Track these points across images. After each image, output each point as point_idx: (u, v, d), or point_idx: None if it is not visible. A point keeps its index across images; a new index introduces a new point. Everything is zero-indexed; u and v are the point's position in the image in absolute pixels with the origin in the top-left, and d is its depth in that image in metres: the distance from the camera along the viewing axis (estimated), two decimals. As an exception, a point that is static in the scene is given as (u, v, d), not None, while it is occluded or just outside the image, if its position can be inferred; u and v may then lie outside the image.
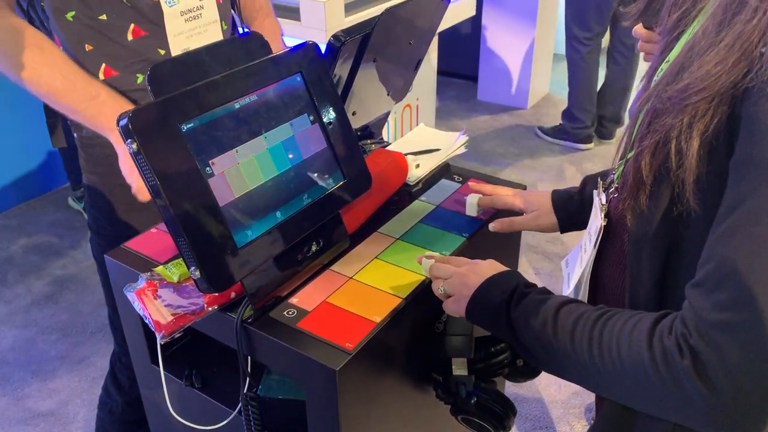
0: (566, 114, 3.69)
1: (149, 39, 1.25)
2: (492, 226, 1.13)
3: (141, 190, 1.14)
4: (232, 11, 1.45)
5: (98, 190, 1.35)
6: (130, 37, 1.23)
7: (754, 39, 0.58)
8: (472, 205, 1.18)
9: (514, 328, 0.79)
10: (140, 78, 1.27)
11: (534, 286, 0.83)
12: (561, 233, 1.11)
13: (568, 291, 0.95)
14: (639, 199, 0.72)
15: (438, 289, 0.93)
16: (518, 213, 1.15)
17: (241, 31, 1.51)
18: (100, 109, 1.13)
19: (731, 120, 0.61)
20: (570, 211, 1.08)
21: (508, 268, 0.88)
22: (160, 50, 1.26)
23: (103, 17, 1.20)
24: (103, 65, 1.24)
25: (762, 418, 0.62)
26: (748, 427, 0.62)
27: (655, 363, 0.63)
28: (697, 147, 0.63)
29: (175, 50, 1.27)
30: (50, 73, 1.13)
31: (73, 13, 1.20)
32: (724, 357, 0.59)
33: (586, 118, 3.61)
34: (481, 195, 1.18)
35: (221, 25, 1.35)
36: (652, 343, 0.64)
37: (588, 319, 0.72)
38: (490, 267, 0.89)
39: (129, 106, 1.14)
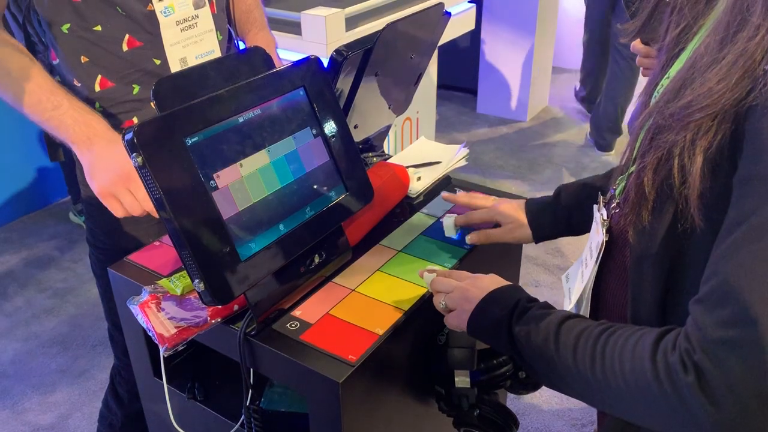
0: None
1: (144, 49, 1.25)
2: (469, 239, 1.14)
3: (110, 205, 1.12)
4: (228, 26, 1.46)
5: (96, 203, 1.35)
6: (125, 47, 1.24)
7: (757, 57, 0.58)
8: (449, 226, 1.16)
9: (515, 344, 0.79)
10: (136, 89, 1.27)
11: (536, 300, 0.83)
12: (535, 243, 1.11)
13: (569, 306, 0.95)
14: (641, 215, 0.72)
15: (439, 303, 0.93)
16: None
17: (239, 45, 1.52)
18: (61, 119, 1.12)
19: (735, 137, 0.61)
20: (543, 222, 1.09)
21: (509, 283, 0.88)
22: (155, 60, 1.27)
23: (98, 29, 1.21)
24: (99, 77, 1.24)
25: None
26: None
27: (659, 379, 0.63)
28: (701, 164, 0.63)
29: (172, 59, 1.28)
30: (18, 85, 1.11)
31: (68, 25, 1.20)
32: (728, 374, 0.58)
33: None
34: (456, 216, 1.16)
35: (216, 35, 1.35)
36: (655, 359, 0.64)
37: (590, 335, 0.72)
38: (492, 281, 0.88)
39: (93, 119, 1.13)
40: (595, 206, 0.92)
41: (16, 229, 3.15)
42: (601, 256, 0.87)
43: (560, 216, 1.07)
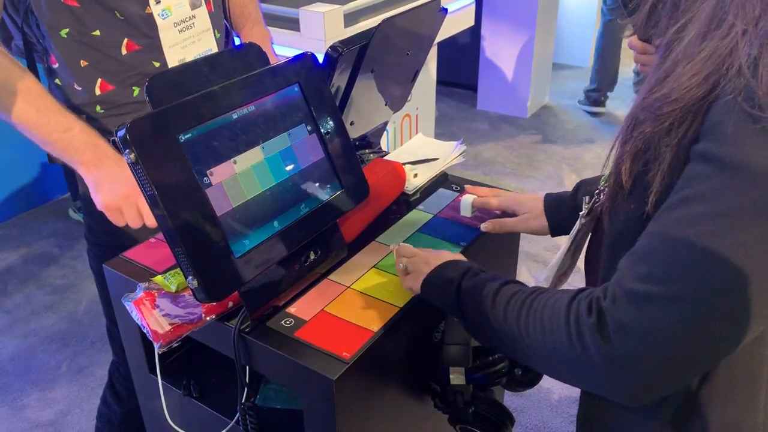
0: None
1: (143, 52, 1.25)
2: (483, 226, 1.16)
3: (113, 217, 1.15)
4: (225, 21, 1.46)
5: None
6: (124, 51, 1.24)
7: (725, 55, 0.59)
8: (466, 205, 1.20)
9: (460, 302, 0.84)
10: (136, 91, 1.28)
11: (489, 272, 0.87)
12: (552, 236, 1.12)
13: (540, 282, 0.99)
14: (616, 201, 0.74)
15: (399, 264, 0.97)
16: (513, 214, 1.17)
17: (234, 40, 1.52)
18: (70, 142, 1.13)
19: (704, 130, 0.62)
20: (560, 214, 1.09)
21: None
22: (154, 63, 1.27)
23: (97, 33, 1.21)
24: (99, 80, 1.25)
25: (651, 388, 0.65)
26: (638, 392, 0.65)
27: (568, 323, 0.67)
28: (672, 156, 0.64)
29: (172, 61, 1.28)
30: (24, 106, 1.11)
31: (66, 30, 1.20)
32: (625, 321, 0.62)
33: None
34: (475, 197, 1.20)
35: (214, 33, 1.35)
36: (570, 307, 0.68)
37: (523, 293, 0.77)
38: (452, 255, 0.94)
39: (101, 142, 1.14)
40: (585, 196, 0.94)
41: (15, 225, 3.15)
42: (576, 236, 0.91)
43: (577, 211, 1.07)
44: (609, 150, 0.80)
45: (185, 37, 1.30)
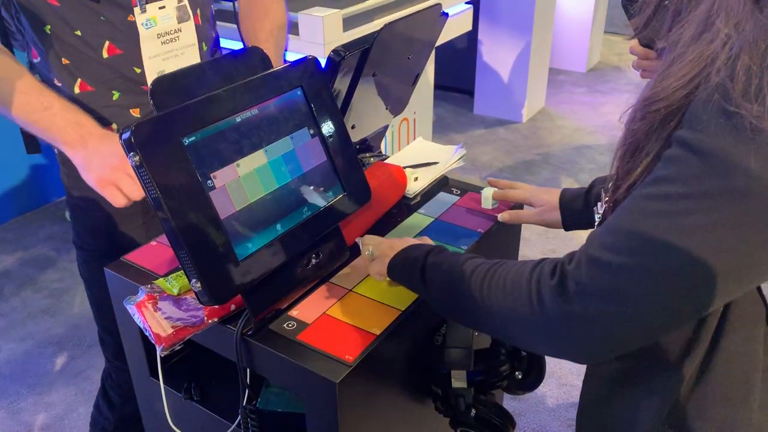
0: None
1: (124, 57, 1.24)
2: (501, 217, 1.21)
3: (109, 193, 1.11)
4: (216, 31, 1.44)
5: (80, 205, 1.34)
6: (105, 54, 1.22)
7: (709, 56, 0.61)
8: (487, 198, 1.25)
9: (425, 279, 0.86)
10: (116, 95, 1.26)
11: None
12: (565, 230, 1.14)
13: None
14: (617, 195, 0.75)
15: (366, 251, 0.98)
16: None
17: (232, 46, 1.50)
18: (52, 120, 1.11)
19: None
20: (574, 209, 1.11)
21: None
22: (136, 69, 1.26)
23: (78, 33, 1.20)
24: (79, 80, 1.23)
25: (604, 348, 0.68)
26: (591, 351, 0.69)
27: (530, 286, 0.70)
28: (658, 150, 0.66)
29: (150, 72, 1.26)
30: (4, 86, 1.10)
31: (49, 27, 1.19)
32: (585, 283, 0.65)
33: None
34: (495, 189, 1.24)
35: (201, 47, 1.33)
36: (533, 271, 0.71)
37: (487, 264, 0.78)
38: (418, 240, 0.96)
39: (83, 119, 1.12)
40: (599, 204, 0.93)
41: (12, 229, 3.14)
42: None
43: (590, 206, 1.09)
44: (614, 154, 0.80)
45: (168, 49, 1.28)
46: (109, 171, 1.09)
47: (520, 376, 1.03)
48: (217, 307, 0.95)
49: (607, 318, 0.64)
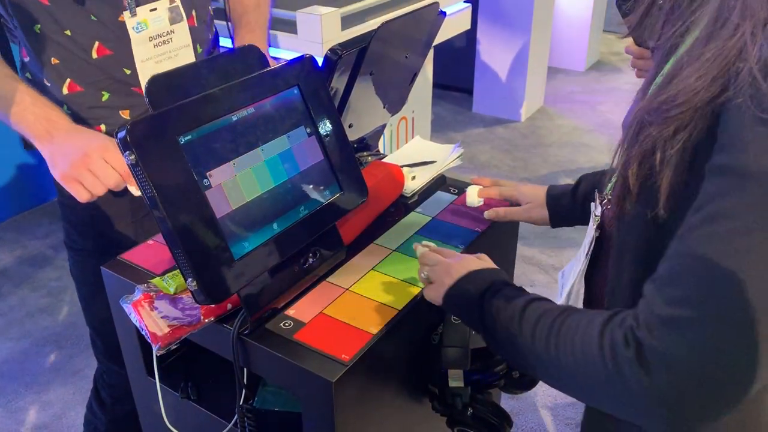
0: None
1: (114, 58, 1.23)
2: (487, 214, 1.18)
3: (73, 189, 1.10)
4: (229, 24, 1.44)
5: (69, 205, 1.33)
6: (94, 55, 1.22)
7: (732, 55, 0.58)
8: (472, 195, 1.22)
9: (484, 321, 0.81)
10: (105, 95, 1.25)
11: (512, 284, 0.85)
12: (552, 227, 1.13)
13: (560, 302, 0.96)
14: (624, 207, 0.73)
15: (422, 273, 0.95)
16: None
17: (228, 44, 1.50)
18: (23, 115, 1.11)
19: (711, 134, 0.62)
20: (561, 206, 1.10)
21: (493, 266, 0.90)
22: (125, 70, 1.25)
23: (68, 33, 1.19)
24: (68, 80, 1.23)
25: (697, 417, 0.61)
26: (683, 424, 0.62)
27: (603, 354, 0.64)
28: (679, 158, 0.64)
29: (143, 76, 1.25)
30: None
31: (39, 26, 1.18)
32: (667, 351, 0.59)
33: None
34: (480, 187, 1.22)
35: (196, 48, 1.32)
36: (603, 335, 0.65)
37: (551, 315, 0.73)
38: (477, 262, 0.90)
39: (53, 113, 1.12)
40: (592, 203, 0.93)
41: (10, 227, 3.14)
42: (591, 251, 0.88)
43: (577, 203, 1.09)
44: (612, 160, 0.79)
45: (160, 52, 1.26)
46: (70, 167, 1.09)
47: (516, 375, 1.03)
48: (213, 306, 0.94)
49: (694, 387, 0.58)
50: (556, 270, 2.74)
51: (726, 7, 0.60)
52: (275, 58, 1.51)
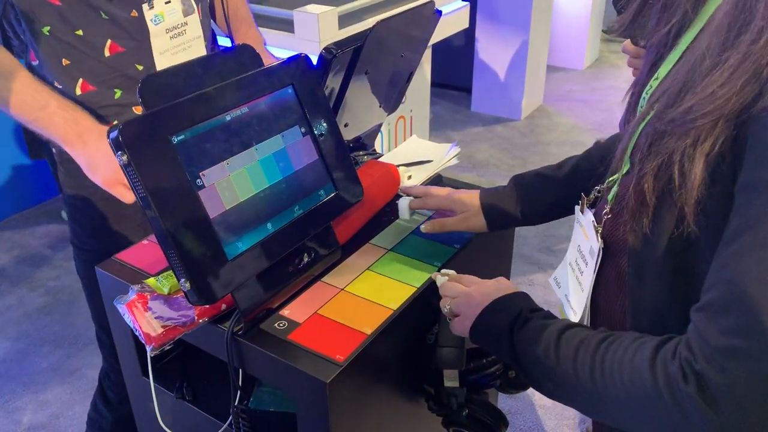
0: None
1: (127, 55, 1.24)
2: (423, 228, 1.13)
3: (119, 192, 1.12)
4: (213, 23, 1.45)
5: (78, 204, 1.34)
6: (107, 53, 1.22)
7: (763, 60, 0.56)
8: (404, 208, 1.16)
9: (516, 354, 0.78)
10: (118, 93, 1.26)
11: (539, 309, 0.82)
12: (489, 232, 1.10)
13: (575, 319, 0.91)
14: (642, 222, 0.70)
15: (445, 307, 0.93)
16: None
17: (227, 43, 1.51)
18: (50, 119, 1.11)
19: (737, 143, 0.60)
20: (496, 212, 1.08)
21: (514, 290, 0.87)
22: (138, 66, 1.26)
23: (80, 32, 1.19)
24: (81, 80, 1.23)
25: None
26: None
27: (658, 389, 0.62)
28: (702, 169, 0.61)
29: (161, 67, 1.26)
30: (1, 84, 1.10)
31: (48, 27, 1.18)
32: (732, 383, 0.57)
33: None
34: (412, 198, 1.16)
35: (205, 39, 1.34)
36: (654, 368, 0.63)
37: (590, 345, 0.70)
38: (497, 288, 0.87)
39: (80, 116, 1.12)
40: (577, 207, 0.91)
41: (7, 227, 3.13)
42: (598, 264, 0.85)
43: (513, 206, 1.07)
44: (615, 162, 0.78)
45: (176, 43, 1.28)
46: (115, 171, 1.10)
47: (512, 375, 1.02)
48: (207, 306, 0.94)
49: (765, 417, 0.57)
50: (553, 268, 2.73)
51: (744, 9, 0.58)
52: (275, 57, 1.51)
